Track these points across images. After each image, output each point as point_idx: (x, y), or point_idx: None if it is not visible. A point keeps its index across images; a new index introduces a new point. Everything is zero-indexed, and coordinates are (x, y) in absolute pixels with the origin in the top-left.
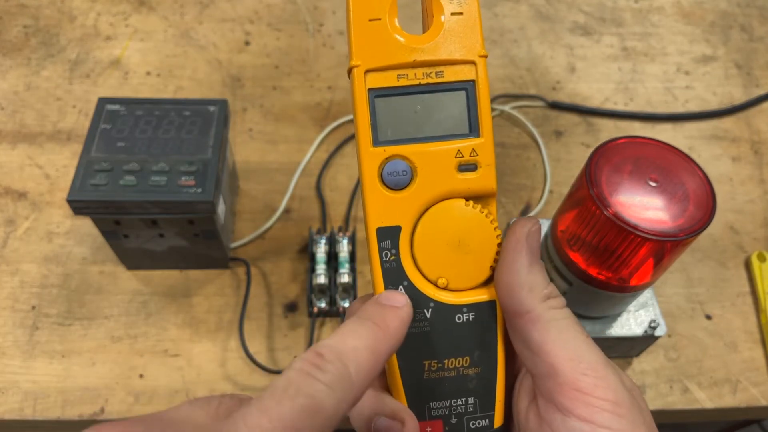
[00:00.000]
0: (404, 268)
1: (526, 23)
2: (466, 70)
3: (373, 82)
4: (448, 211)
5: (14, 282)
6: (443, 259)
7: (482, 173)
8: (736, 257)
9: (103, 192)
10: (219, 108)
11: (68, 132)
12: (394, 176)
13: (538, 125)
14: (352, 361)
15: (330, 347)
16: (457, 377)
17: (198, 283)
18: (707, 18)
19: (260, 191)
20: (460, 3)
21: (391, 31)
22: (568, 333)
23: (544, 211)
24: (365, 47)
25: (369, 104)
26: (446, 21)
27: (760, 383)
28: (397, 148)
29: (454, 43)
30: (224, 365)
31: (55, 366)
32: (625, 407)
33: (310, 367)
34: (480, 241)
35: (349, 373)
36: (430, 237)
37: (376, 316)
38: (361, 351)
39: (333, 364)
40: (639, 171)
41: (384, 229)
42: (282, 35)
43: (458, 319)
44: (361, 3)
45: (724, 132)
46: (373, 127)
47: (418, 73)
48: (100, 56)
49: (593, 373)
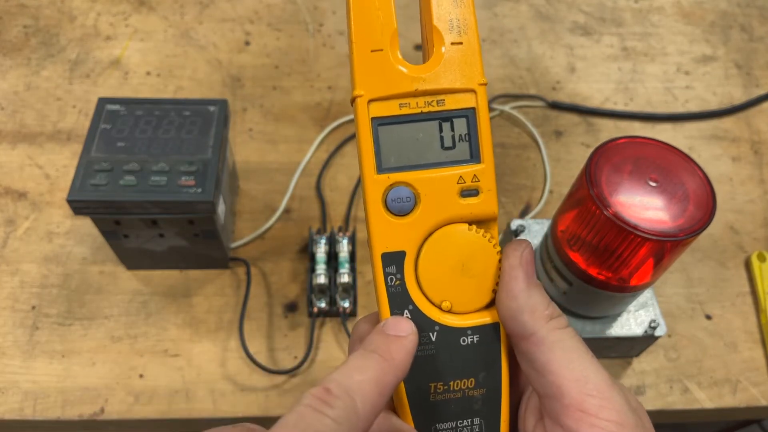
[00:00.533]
0: (409, 292)
1: (526, 23)
2: (467, 98)
3: (377, 111)
4: (451, 235)
5: (14, 282)
6: (447, 282)
7: (484, 198)
8: (736, 257)
9: (103, 192)
10: (219, 108)
11: (68, 132)
12: (398, 203)
13: (538, 125)
14: (358, 395)
15: (337, 382)
16: (463, 399)
17: (198, 283)
18: (707, 18)
19: (260, 191)
20: (459, 33)
21: (393, 61)
22: (572, 353)
23: (544, 211)
24: (368, 77)
25: (372, 132)
26: (446, 51)
27: (760, 383)
28: (400, 175)
29: (454, 72)
30: (224, 365)
31: (55, 366)
32: (628, 428)
33: (318, 403)
34: (483, 265)
35: (356, 407)
36: (434, 261)
37: (382, 348)
38: (367, 384)
39: (341, 400)
40: (639, 171)
41: (389, 255)
42: (282, 35)
43: (463, 341)
44: (363, 34)
45: (724, 132)
46: (377, 154)
47: (419, 102)
48: (100, 56)
49: (599, 395)
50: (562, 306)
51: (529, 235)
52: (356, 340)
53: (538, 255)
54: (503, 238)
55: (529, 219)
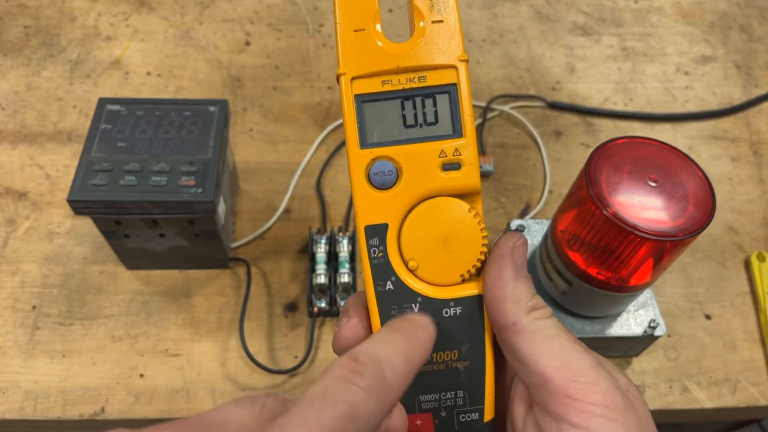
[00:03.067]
0: (392, 263)
1: (526, 23)
2: (448, 74)
3: (360, 88)
4: (436, 208)
5: (15, 282)
6: (429, 253)
7: (465, 171)
8: (735, 257)
9: (104, 192)
10: (219, 108)
11: (69, 132)
12: (381, 176)
13: (538, 125)
14: (388, 366)
15: (366, 353)
16: (446, 371)
17: (198, 283)
18: (707, 18)
19: (260, 191)
20: (440, 11)
21: (375, 39)
22: (554, 341)
23: (544, 211)
24: (351, 56)
25: (356, 109)
26: (427, 29)
27: (760, 383)
28: (382, 150)
29: (435, 49)
30: (224, 365)
31: (56, 366)
32: (618, 410)
33: (348, 373)
34: (465, 239)
35: (386, 377)
36: (416, 233)
37: (406, 329)
38: (396, 357)
39: (370, 369)
40: (638, 171)
41: (372, 227)
42: (282, 35)
43: (445, 313)
44: (347, 15)
45: (723, 132)
46: (360, 130)
47: (401, 79)
48: (101, 56)
49: (583, 379)
50: (562, 306)
51: (529, 235)
52: (343, 312)
53: (537, 255)
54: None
55: (529, 219)
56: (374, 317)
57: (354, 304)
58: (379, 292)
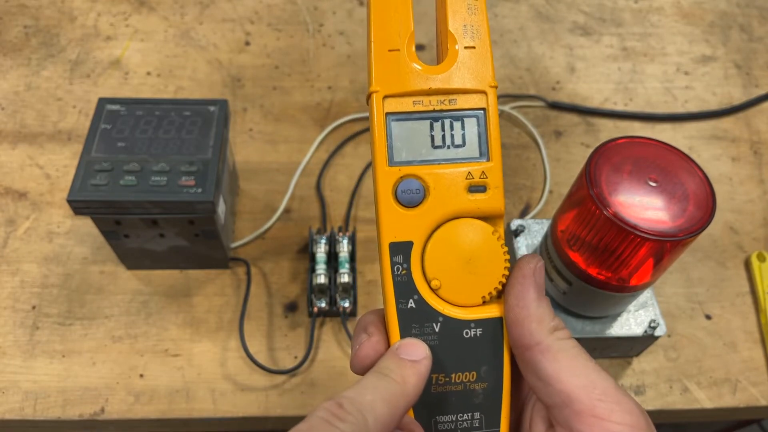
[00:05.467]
0: (415, 282)
1: (526, 23)
2: (478, 98)
3: (391, 106)
4: (459, 229)
5: (15, 282)
6: (451, 274)
7: (491, 195)
8: (735, 257)
9: (104, 192)
10: (219, 108)
11: (69, 132)
12: (408, 194)
13: (538, 125)
14: (370, 413)
15: (350, 399)
16: (464, 392)
17: (198, 283)
18: (707, 18)
19: (260, 191)
20: (473, 37)
21: (409, 61)
22: (577, 361)
23: (544, 211)
24: (385, 75)
25: (386, 127)
26: (460, 54)
27: (760, 383)
28: (411, 168)
29: (467, 73)
30: (224, 365)
31: (56, 366)
32: (642, 430)
33: (331, 417)
34: (488, 262)
35: (367, 423)
36: (440, 253)
37: (395, 372)
38: (379, 403)
39: (352, 416)
40: (639, 171)
41: (396, 244)
42: (282, 35)
43: (466, 334)
44: (382, 34)
45: (723, 132)
46: (389, 147)
47: (432, 100)
48: (101, 56)
49: (608, 399)
50: (562, 306)
51: (529, 235)
52: (361, 330)
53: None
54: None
55: (529, 219)
56: (394, 335)
57: (373, 321)
58: (401, 310)
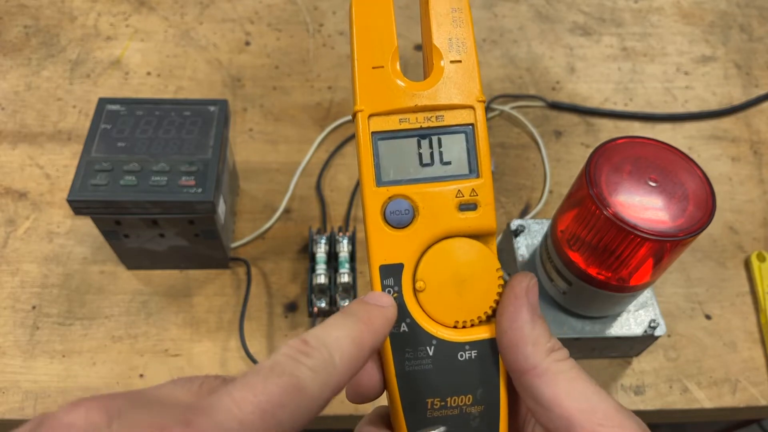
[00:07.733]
0: (407, 305)
1: (526, 23)
2: (465, 114)
3: (377, 125)
4: (452, 249)
5: (15, 282)
6: (444, 296)
7: (482, 212)
8: (735, 257)
9: (104, 192)
10: (219, 108)
11: (69, 132)
12: (397, 215)
13: (538, 125)
14: (336, 349)
15: (315, 336)
16: (461, 415)
17: (198, 283)
18: (707, 18)
19: (260, 191)
20: (459, 51)
21: (394, 77)
22: (577, 383)
23: (544, 211)
24: (369, 93)
25: (372, 146)
26: (446, 68)
27: (760, 383)
28: (399, 188)
29: (453, 88)
30: (224, 365)
31: (56, 366)
32: None
33: (296, 353)
34: (482, 280)
35: (333, 359)
36: (432, 275)
37: (361, 312)
38: (345, 340)
39: (318, 351)
40: (638, 171)
41: (387, 267)
42: (282, 35)
43: (461, 356)
44: (365, 52)
45: (723, 132)
46: (377, 167)
47: (419, 117)
48: (101, 56)
49: (609, 422)
50: (562, 306)
51: (529, 235)
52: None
53: (537, 255)
54: (502, 238)
55: (529, 219)
56: (387, 362)
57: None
58: (393, 334)
